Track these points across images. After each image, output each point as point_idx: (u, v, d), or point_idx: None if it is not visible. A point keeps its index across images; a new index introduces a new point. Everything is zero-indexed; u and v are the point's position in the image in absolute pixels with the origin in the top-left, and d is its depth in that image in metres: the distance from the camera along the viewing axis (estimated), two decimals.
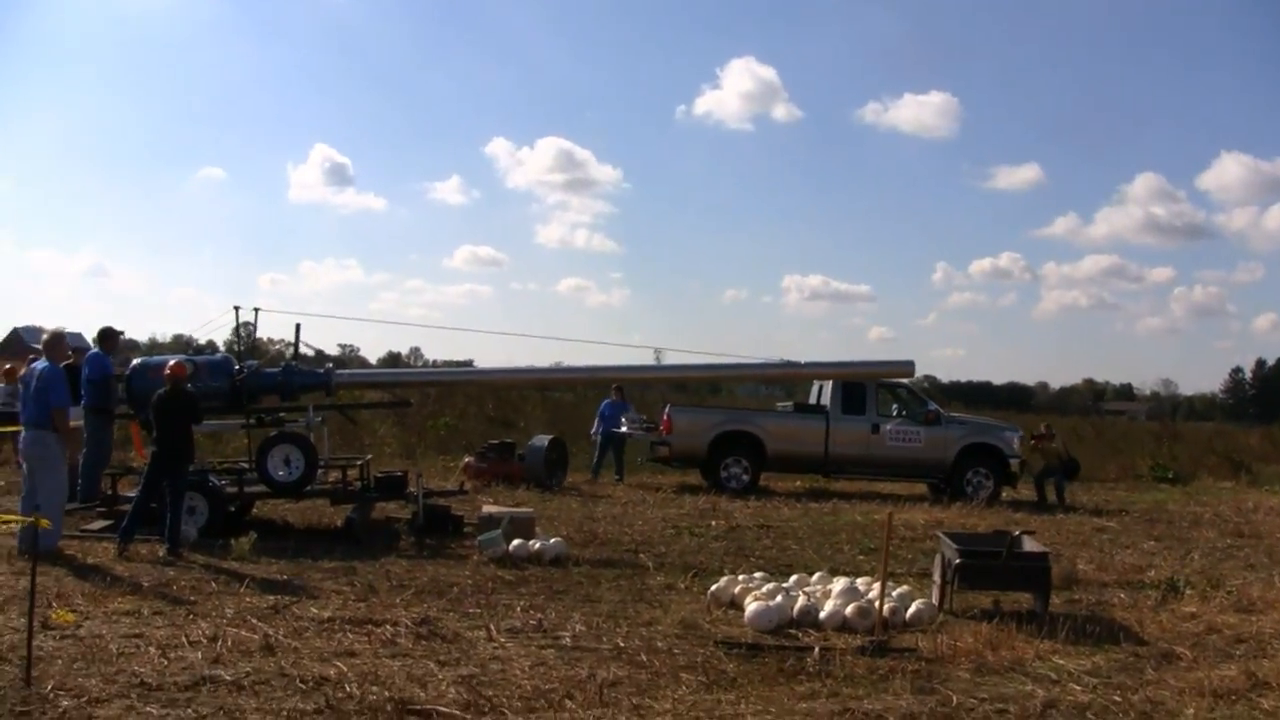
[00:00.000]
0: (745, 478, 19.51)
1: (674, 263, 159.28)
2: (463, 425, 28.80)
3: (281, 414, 13.72)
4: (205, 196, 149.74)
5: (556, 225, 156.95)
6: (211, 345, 15.65)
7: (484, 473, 18.84)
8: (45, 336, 11.64)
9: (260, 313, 14.07)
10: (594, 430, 21.78)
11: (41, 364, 11.02)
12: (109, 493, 12.91)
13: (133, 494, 12.25)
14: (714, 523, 14.79)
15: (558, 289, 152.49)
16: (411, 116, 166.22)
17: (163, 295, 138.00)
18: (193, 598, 8.92)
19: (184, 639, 7.45)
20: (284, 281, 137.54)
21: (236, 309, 13.83)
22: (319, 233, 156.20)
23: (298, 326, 13.88)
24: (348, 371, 14.71)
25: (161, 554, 10.87)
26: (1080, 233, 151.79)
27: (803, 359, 15.15)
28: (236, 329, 14.77)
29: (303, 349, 14.42)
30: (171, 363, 11.82)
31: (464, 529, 13.15)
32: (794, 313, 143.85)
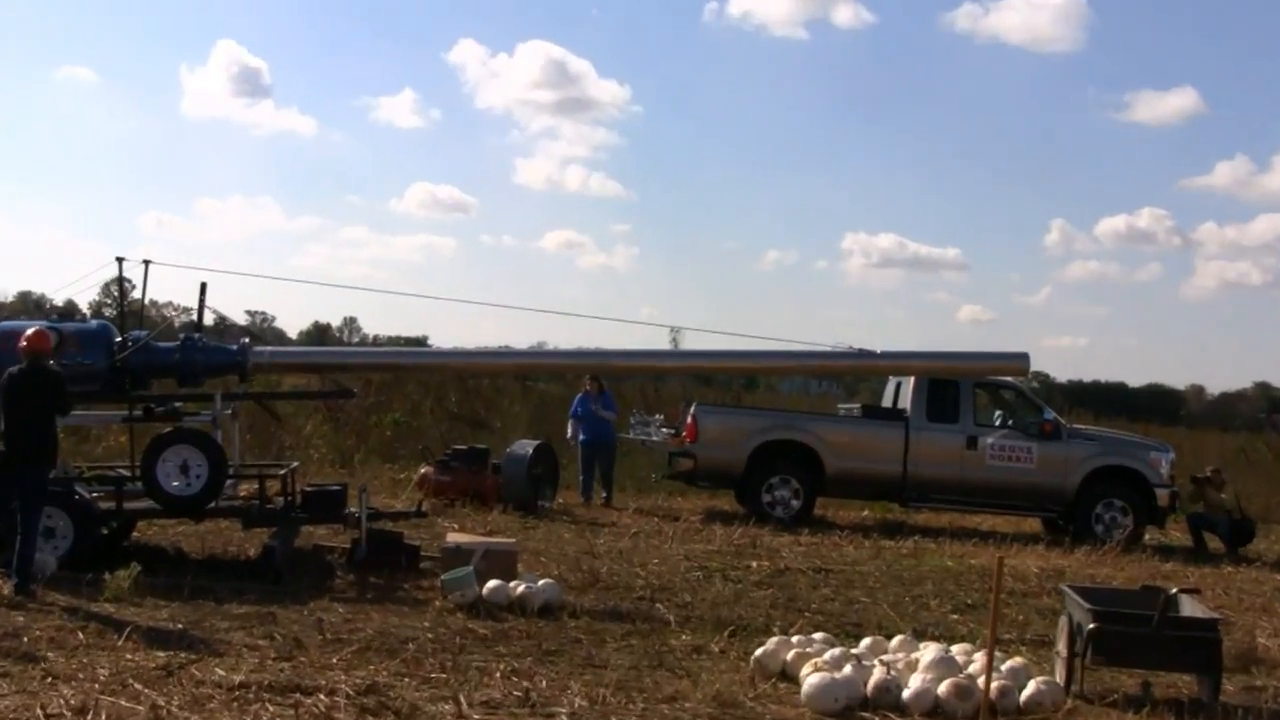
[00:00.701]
0: (795, 504, 19.38)
1: (698, 214, 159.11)
2: (417, 424, 28.76)
3: (178, 404, 13.58)
4: (67, 106, 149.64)
5: (542, 160, 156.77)
6: (71, 308, 15.51)
7: (447, 488, 18.78)
8: None
9: (151, 267, 13.85)
10: (570, 435, 21.71)
11: None
12: None
13: None
14: (755, 563, 14.70)
15: (542, 245, 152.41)
16: (350, 7, 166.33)
17: (7, 237, 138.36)
18: (51, 654, 8.80)
19: (39, 712, 7.31)
20: (175, 224, 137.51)
21: (120, 260, 13.63)
22: (223, 161, 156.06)
23: (203, 286, 13.69)
24: (269, 349, 14.51)
25: (7, 592, 10.73)
26: (1252, 183, 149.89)
27: (876, 346, 14.99)
28: (117, 286, 14.62)
29: (207, 317, 14.26)
30: (29, 331, 11.68)
31: (422, 564, 13.08)
32: (857, 283, 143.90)
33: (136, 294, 14.45)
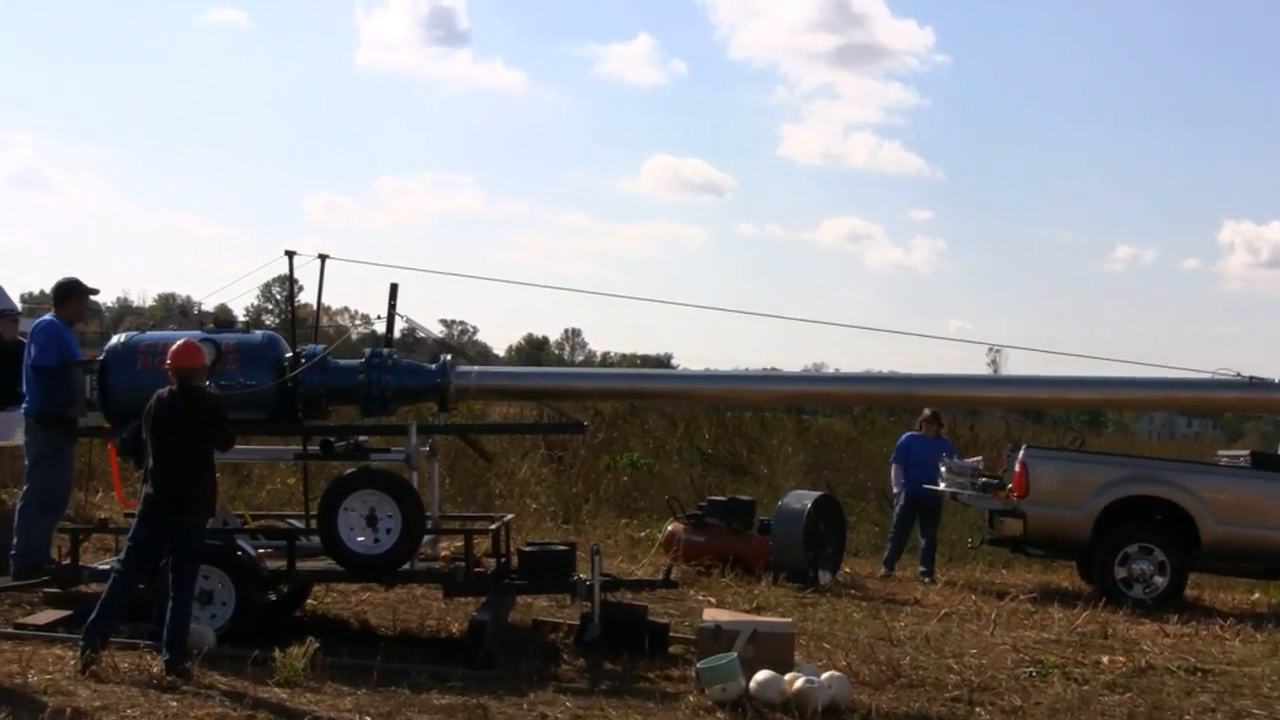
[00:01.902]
0: (1160, 581, 18.95)
1: (1022, 197, 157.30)
2: (661, 467, 28.88)
3: (363, 438, 13.80)
4: (213, 58, 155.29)
5: (817, 125, 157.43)
6: (226, 314, 15.87)
7: (702, 551, 18.82)
8: None
9: (327, 262, 14.12)
10: (894, 485, 21.49)
11: None
12: (65, 561, 13.12)
13: (108, 566, 12.41)
14: (1105, 659, 14.37)
15: (818, 236, 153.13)
16: None
17: (144, 224, 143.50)
18: None
19: None
20: (348, 209, 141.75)
21: (290, 255, 13.90)
22: (408, 128, 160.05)
23: (393, 289, 13.88)
24: (475, 370, 14.59)
25: (156, 670, 10.93)
26: None
27: (1273, 373, 14.49)
28: (285, 288, 14.94)
29: (399, 328, 14.47)
30: (179, 343, 11.91)
31: (670, 647, 13.13)
32: (1241, 289, 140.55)
33: (304, 297, 14.72)
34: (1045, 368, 15.52)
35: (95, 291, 14.95)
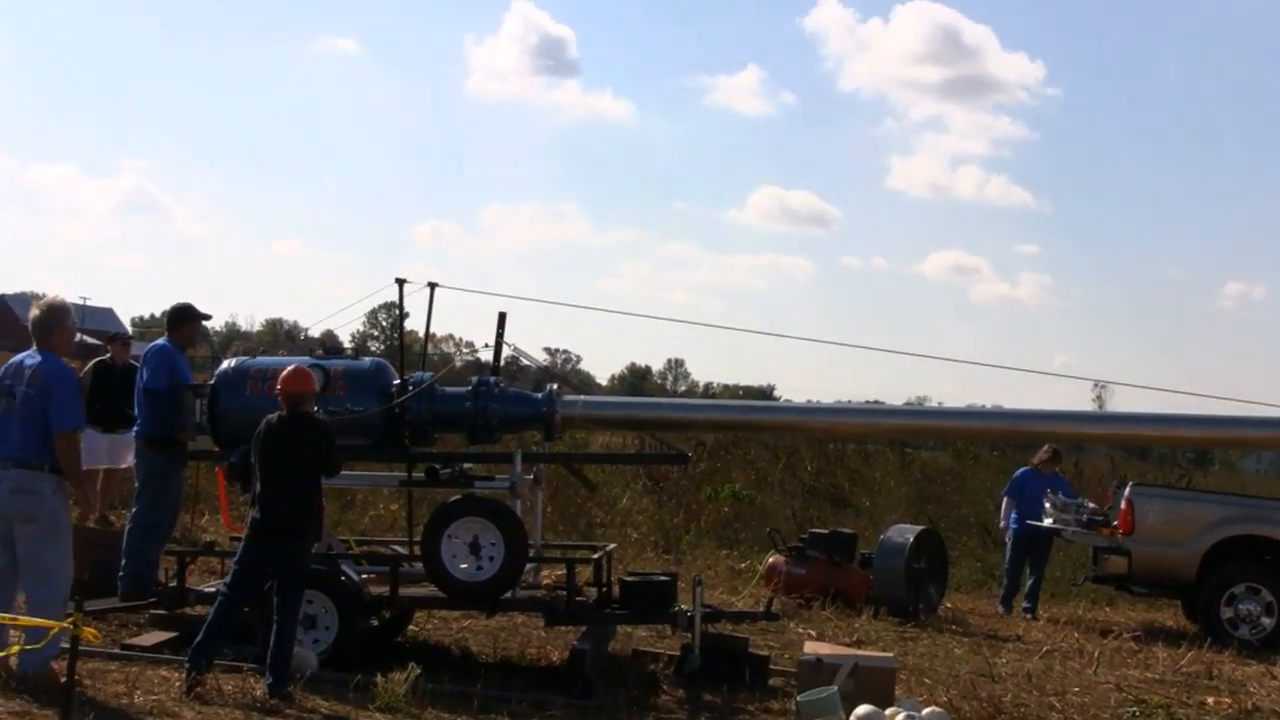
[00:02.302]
0: (1267, 622, 18.67)
1: (1131, 231, 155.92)
2: (763, 499, 28.83)
3: (467, 465, 13.85)
4: (323, 85, 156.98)
5: (925, 158, 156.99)
6: (332, 340, 15.96)
7: (803, 583, 18.77)
8: (35, 310, 11.40)
9: (437, 291, 14.20)
10: (1003, 520, 21.34)
11: (33, 356, 11.04)
12: (172, 584, 13.30)
13: (213, 589, 12.53)
14: (1211, 700, 14.19)
15: (924, 269, 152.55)
16: None
17: (254, 249, 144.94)
18: None
19: None
20: (455, 236, 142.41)
21: (400, 283, 13.98)
22: (516, 156, 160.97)
23: (501, 317, 13.92)
24: (580, 399, 14.62)
25: (259, 694, 11.03)
26: None
27: None
28: (395, 316, 15.01)
29: (506, 356, 14.49)
30: (290, 369, 12.03)
31: (771, 679, 13.07)
32: None
33: (409, 324, 14.80)
34: (1152, 405, 15.36)
35: (208, 317, 15.10)
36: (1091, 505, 20.83)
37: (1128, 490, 19.74)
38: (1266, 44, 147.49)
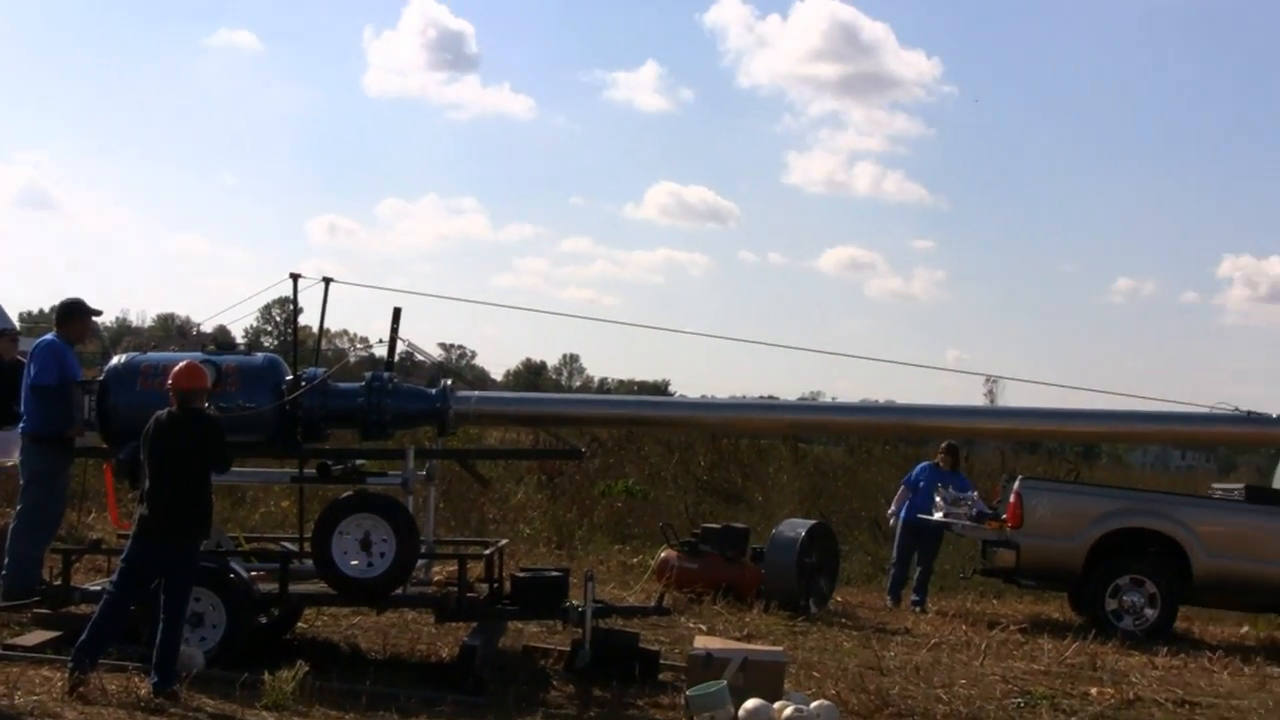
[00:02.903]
0: (1150, 613, 18.95)
1: (1024, 228, 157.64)
2: (656, 494, 28.85)
3: (359, 461, 13.81)
4: (221, 80, 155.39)
5: (822, 155, 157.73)
6: (225, 336, 15.87)
7: (695, 578, 18.82)
8: None
9: (333, 286, 14.12)
10: (893, 508, 21.49)
11: None
12: (57, 582, 13.14)
13: (99, 587, 12.41)
14: (1094, 691, 14.36)
15: (820, 265, 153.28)
16: None
17: (148, 244, 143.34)
18: None
19: None
20: (351, 232, 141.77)
21: (295, 278, 13.92)
22: (414, 151, 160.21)
23: (396, 313, 13.87)
24: (474, 395, 14.59)
25: (144, 693, 10.93)
26: None
27: (1270, 408, 14.50)
28: (288, 312, 14.95)
29: (400, 352, 14.47)
30: (182, 365, 11.93)
31: (661, 674, 13.09)
32: (1240, 323, 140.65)
33: (304, 319, 14.72)
34: (1043, 399, 15.51)
35: (99, 313, 14.89)
36: (974, 496, 21.04)
37: (1017, 484, 19.95)
38: (1160, 41, 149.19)
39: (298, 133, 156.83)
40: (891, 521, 21.53)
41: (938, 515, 20.44)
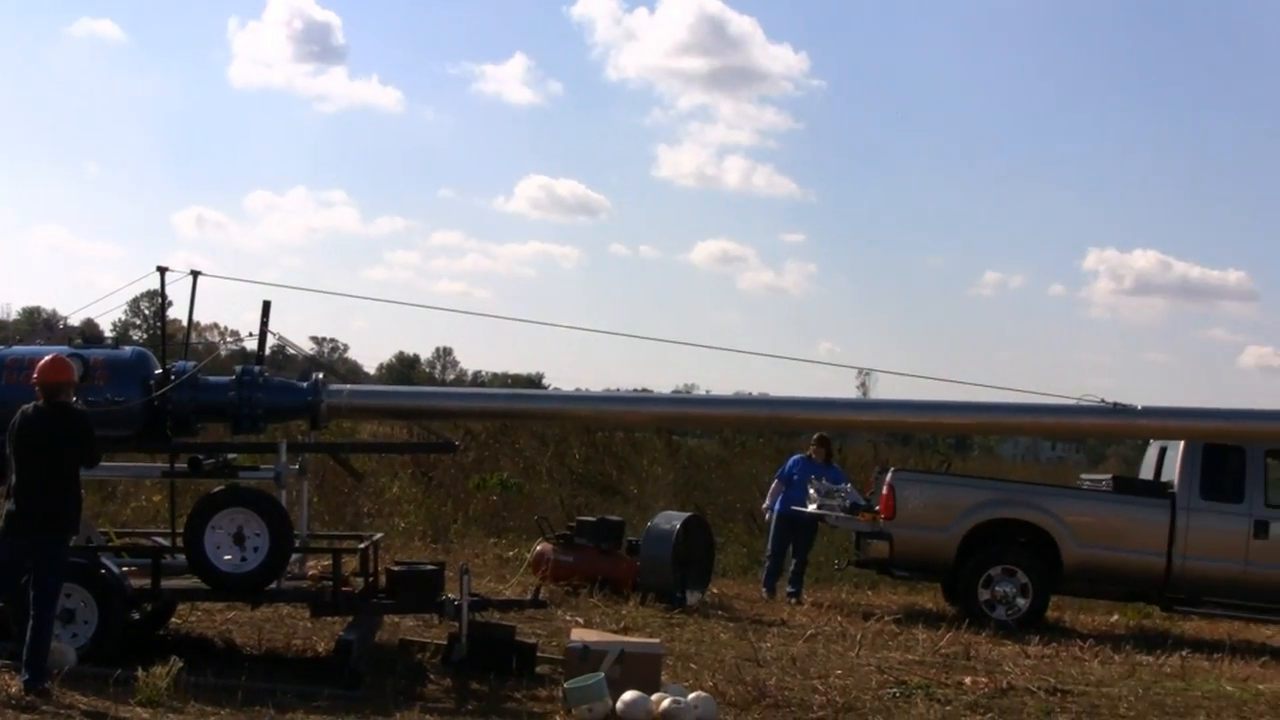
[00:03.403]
0: (1022, 603, 19.13)
1: (894, 221, 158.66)
2: (531, 487, 28.78)
3: (231, 456, 13.71)
4: (83, 71, 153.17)
5: (692, 148, 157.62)
6: (93, 329, 15.63)
7: (571, 571, 18.80)
8: None
9: (200, 279, 13.98)
10: (768, 502, 21.53)
11: None
12: None
13: None
14: (968, 680, 14.46)
15: (691, 258, 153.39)
16: None
17: (10, 235, 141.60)
18: None
19: None
20: (220, 224, 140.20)
21: (162, 271, 13.78)
22: (282, 144, 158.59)
23: (265, 306, 13.77)
24: (347, 389, 14.50)
25: (15, 689, 10.83)
26: None
27: (1134, 399, 14.67)
28: (156, 304, 14.76)
29: (271, 345, 14.34)
30: (48, 358, 11.82)
31: (538, 667, 13.08)
32: (1105, 315, 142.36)
33: (173, 313, 14.57)
34: (914, 392, 15.62)
35: None
36: (849, 487, 21.11)
37: (889, 476, 20.04)
38: (1026, 34, 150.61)
39: (163, 124, 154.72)
40: (767, 516, 21.53)
41: (811, 507, 20.48)
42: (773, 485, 21.58)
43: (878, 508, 19.83)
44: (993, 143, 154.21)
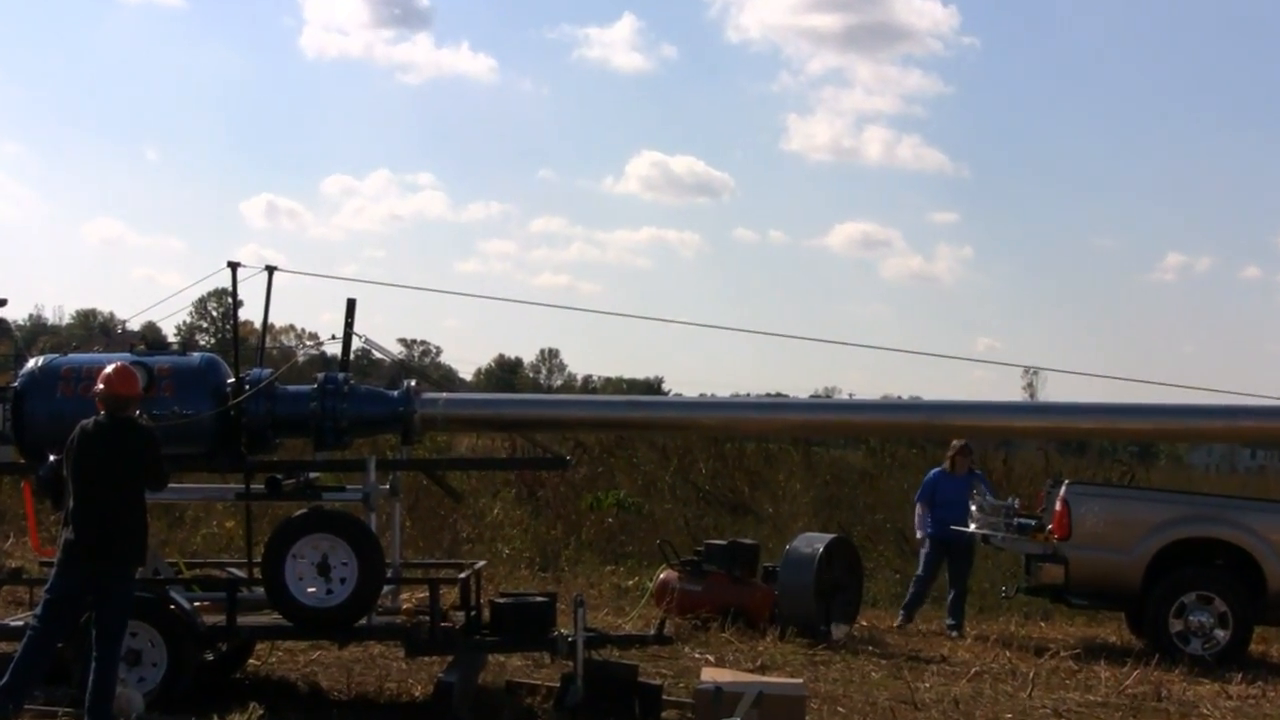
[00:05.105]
0: (1221, 635, 18.85)
1: (1059, 198, 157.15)
2: (652, 507, 28.80)
3: (314, 475, 13.81)
4: (143, 40, 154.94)
5: (826, 118, 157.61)
6: (155, 334, 15.82)
7: (699, 602, 18.81)
8: None
9: (276, 275, 14.12)
10: (919, 529, 21.46)
11: None
12: None
13: (21, 622, 12.38)
14: None
15: (827, 243, 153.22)
16: None
17: (61, 231, 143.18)
18: None
19: None
20: (293, 213, 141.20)
21: (233, 267, 13.88)
22: (360, 121, 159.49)
23: (350, 305, 13.89)
24: (442, 397, 14.57)
25: None
26: None
27: None
28: (227, 306, 14.85)
29: (356, 349, 14.43)
30: (113, 368, 11.91)
31: (664, 711, 13.11)
32: None
33: (244, 314, 14.66)
34: (1088, 393, 15.49)
35: (3, 302, 14.78)
36: (1014, 502, 20.94)
37: (1063, 490, 19.78)
38: None
39: (227, 101, 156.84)
40: (923, 546, 21.29)
41: (972, 526, 20.40)
42: (917, 510, 21.44)
43: (1050, 526, 19.65)
44: (1170, 106, 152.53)
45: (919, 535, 21.44)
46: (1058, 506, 19.54)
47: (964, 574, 20.94)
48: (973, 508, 20.29)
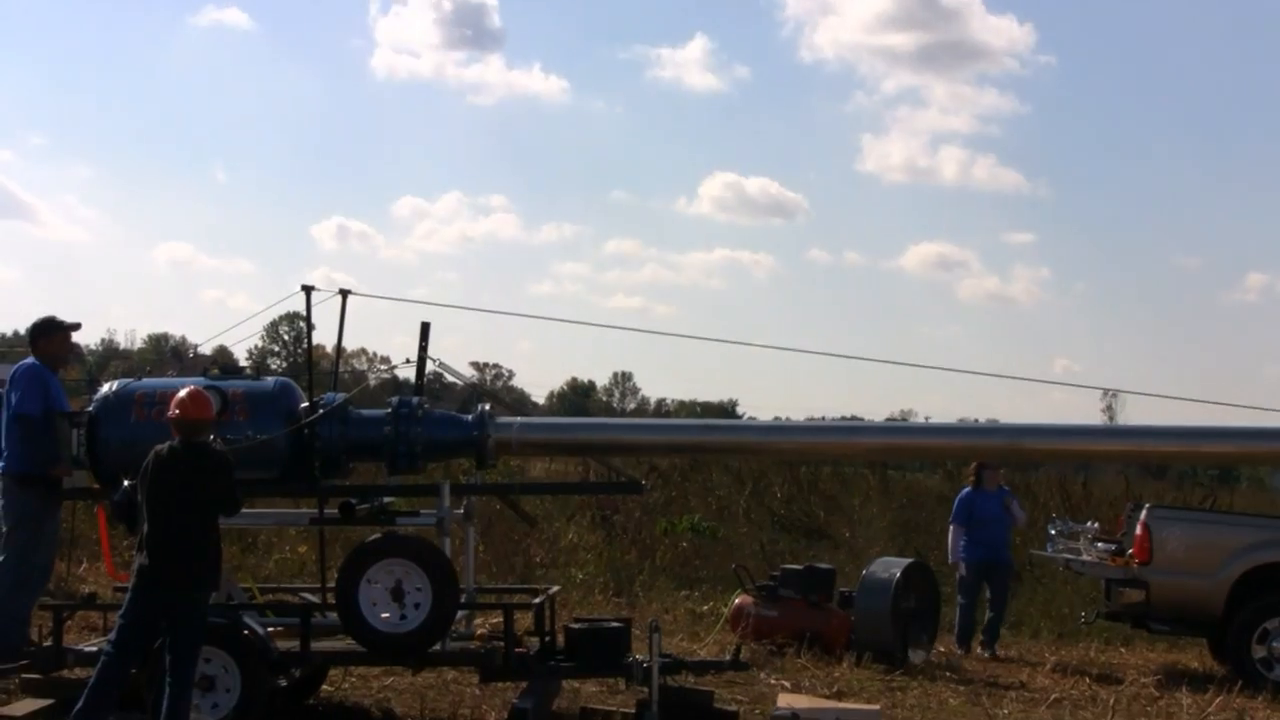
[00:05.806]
0: None
1: (1137, 217, 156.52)
2: (727, 531, 28.77)
3: (388, 499, 13.80)
4: (211, 64, 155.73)
5: (901, 138, 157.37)
6: (226, 357, 15.88)
7: (775, 627, 18.79)
8: None
9: (349, 298, 14.14)
10: (952, 552, 21.34)
11: None
12: (47, 643, 13.16)
13: (95, 648, 12.43)
14: None
15: (903, 264, 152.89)
16: None
17: (131, 254, 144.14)
18: None
19: None
20: (365, 235, 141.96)
21: (308, 291, 13.93)
22: (431, 142, 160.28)
23: (424, 328, 13.90)
24: (517, 421, 14.57)
25: None
26: None
27: None
28: (299, 330, 14.94)
29: (429, 373, 14.45)
30: (187, 392, 11.96)
31: None
32: None
33: (318, 337, 14.69)
34: (1168, 415, 15.40)
35: (77, 326, 14.78)
36: (1095, 525, 20.82)
37: (1144, 514, 19.68)
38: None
39: (298, 123, 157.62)
40: (960, 570, 21.11)
41: (1051, 550, 20.30)
42: (951, 532, 21.28)
43: (1131, 551, 19.54)
44: (1252, 122, 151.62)
45: (953, 562, 21.26)
46: (1138, 530, 19.43)
47: (1003, 597, 20.81)
48: (1051, 530, 20.21)
